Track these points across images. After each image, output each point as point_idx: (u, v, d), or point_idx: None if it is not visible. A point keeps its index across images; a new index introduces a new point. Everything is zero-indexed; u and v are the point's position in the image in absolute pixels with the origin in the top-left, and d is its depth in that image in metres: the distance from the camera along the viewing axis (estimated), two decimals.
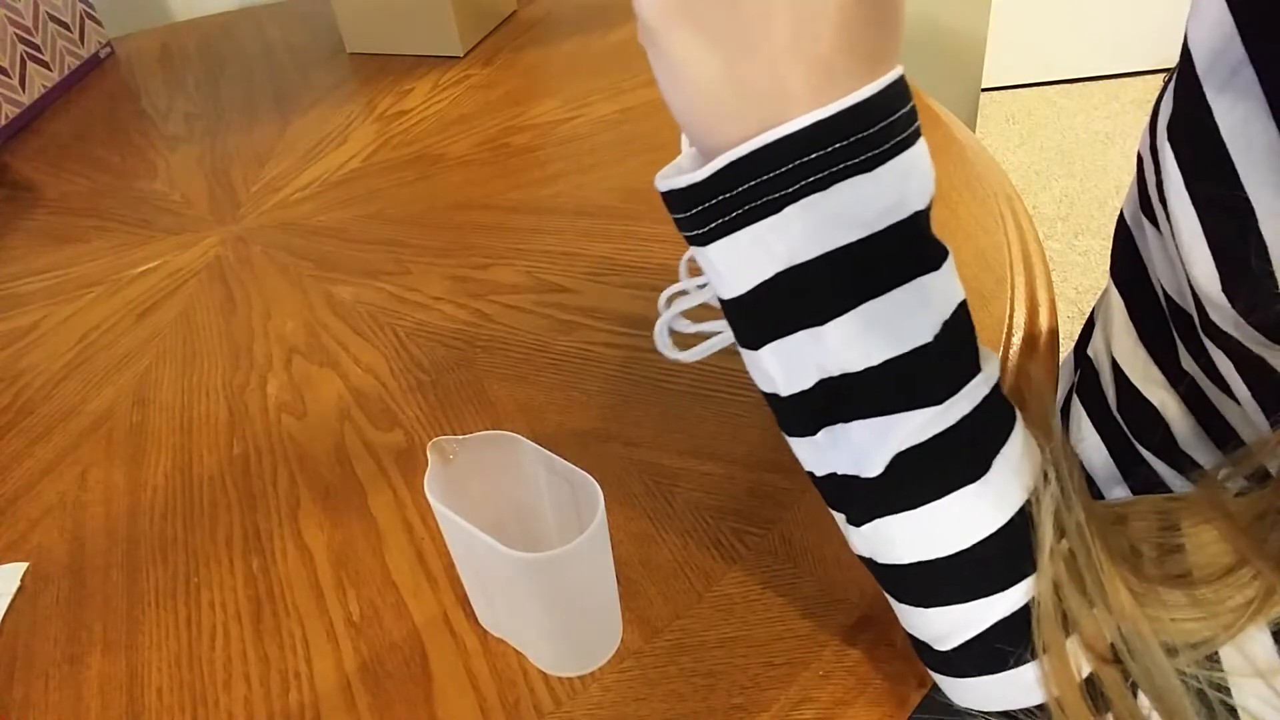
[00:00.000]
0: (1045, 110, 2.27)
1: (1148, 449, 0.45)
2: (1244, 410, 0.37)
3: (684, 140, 0.31)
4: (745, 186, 0.27)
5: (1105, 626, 0.29)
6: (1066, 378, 0.55)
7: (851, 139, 0.26)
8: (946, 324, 0.29)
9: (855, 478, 0.30)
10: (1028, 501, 0.30)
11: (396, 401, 0.56)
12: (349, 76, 0.97)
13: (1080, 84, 2.34)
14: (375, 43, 0.99)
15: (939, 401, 0.29)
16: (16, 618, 0.47)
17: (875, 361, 0.28)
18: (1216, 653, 0.29)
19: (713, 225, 0.28)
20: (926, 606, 0.32)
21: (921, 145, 0.28)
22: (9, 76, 0.93)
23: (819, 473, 0.32)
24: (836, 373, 0.29)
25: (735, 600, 0.42)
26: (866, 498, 0.31)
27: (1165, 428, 0.44)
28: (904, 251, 0.28)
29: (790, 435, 0.32)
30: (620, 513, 0.46)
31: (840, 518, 0.33)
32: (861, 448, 0.30)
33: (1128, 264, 0.45)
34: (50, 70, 0.99)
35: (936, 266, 0.28)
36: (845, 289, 0.28)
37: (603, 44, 0.95)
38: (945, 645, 0.32)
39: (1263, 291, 0.31)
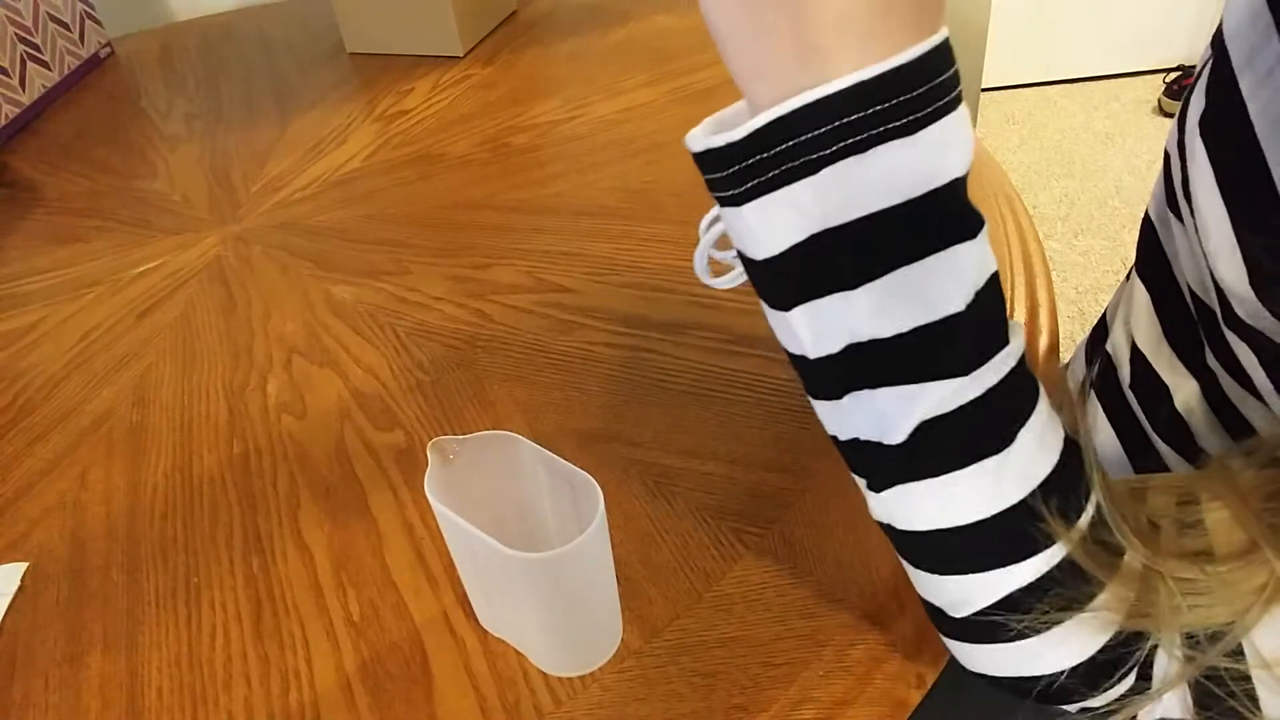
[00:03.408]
0: (1045, 110, 2.27)
1: (1169, 445, 0.45)
2: (1267, 409, 0.37)
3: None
4: (783, 146, 0.26)
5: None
6: (1074, 377, 0.55)
7: (894, 101, 0.25)
8: (979, 293, 0.28)
9: (878, 444, 0.30)
10: (1050, 475, 0.30)
11: (396, 401, 0.56)
12: (349, 76, 0.97)
13: (1080, 84, 2.34)
14: (375, 43, 0.99)
15: (967, 371, 0.28)
16: (16, 618, 0.47)
17: (905, 328, 0.28)
18: (1240, 648, 0.29)
19: (748, 185, 0.27)
20: (943, 574, 0.32)
21: (963, 112, 0.27)
22: (9, 76, 0.93)
23: (842, 436, 0.32)
24: (866, 338, 0.28)
25: (735, 600, 0.42)
26: (888, 464, 0.30)
27: (1183, 423, 0.44)
28: (940, 219, 0.27)
29: (814, 397, 0.32)
30: (620, 513, 0.46)
31: (861, 482, 0.33)
32: (886, 414, 0.29)
33: (1154, 261, 0.45)
34: (50, 70, 0.99)
35: (972, 235, 0.28)
36: (879, 254, 0.27)
37: (603, 44, 0.95)
38: (959, 613, 0.32)
39: None
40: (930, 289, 0.27)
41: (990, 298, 0.29)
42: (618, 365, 0.55)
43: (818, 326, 0.29)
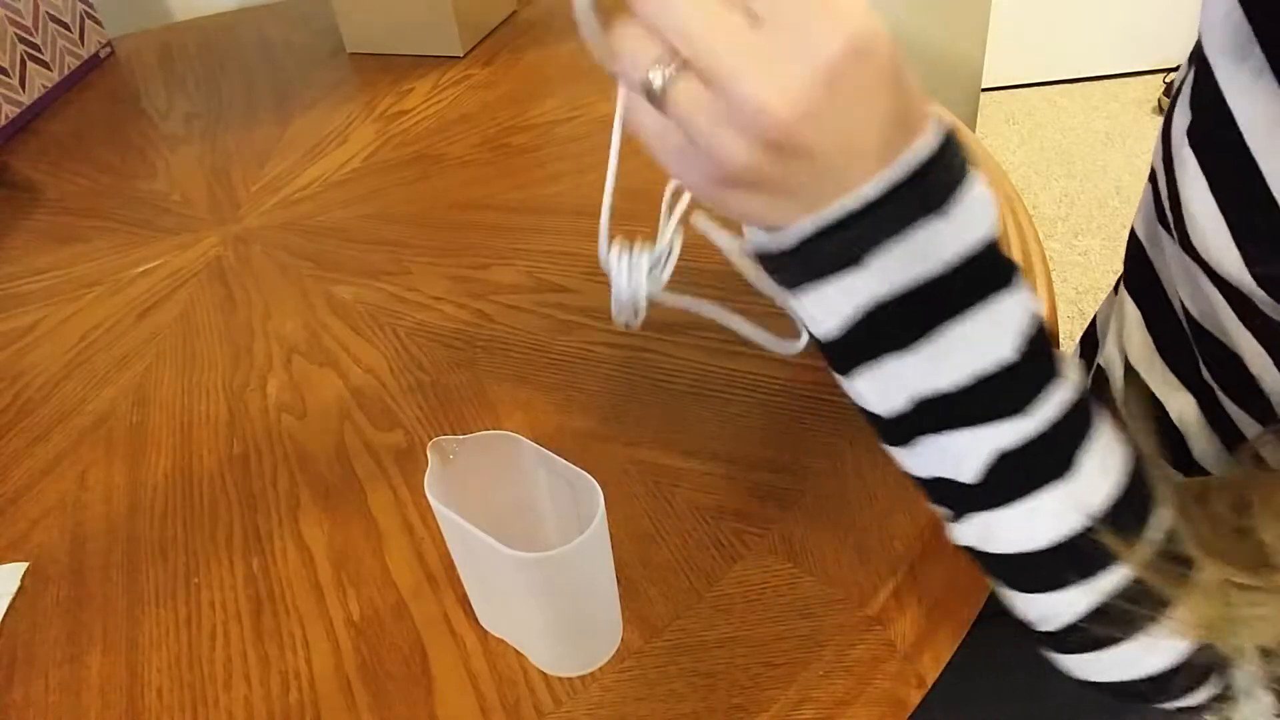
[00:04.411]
0: (1045, 110, 2.27)
1: (1164, 459, 0.45)
2: (1260, 425, 0.38)
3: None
4: (829, 247, 0.29)
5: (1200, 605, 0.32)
6: None
7: (924, 189, 0.28)
8: (1025, 336, 0.30)
9: (953, 480, 0.33)
10: (1120, 491, 0.32)
11: (396, 401, 0.56)
12: (349, 76, 0.97)
13: (1080, 84, 2.34)
14: (375, 43, 0.99)
15: (1026, 410, 0.31)
16: (16, 618, 0.47)
17: (962, 379, 0.30)
18: None
19: (801, 280, 0.30)
20: (1027, 592, 0.34)
21: (980, 177, 0.29)
22: (9, 76, 0.93)
23: (920, 475, 0.34)
24: (928, 392, 0.31)
25: (735, 600, 0.42)
26: (965, 498, 0.33)
27: (1179, 437, 0.44)
28: (979, 276, 0.29)
29: (887, 445, 0.34)
30: (620, 513, 0.46)
31: (942, 512, 0.35)
32: (957, 455, 0.32)
33: (1144, 278, 0.45)
34: (50, 70, 0.99)
35: (1009, 283, 0.30)
36: (926, 317, 0.30)
37: None
38: (1048, 627, 0.34)
39: None
40: (979, 340, 0.30)
41: (1037, 337, 0.31)
42: (618, 365, 0.55)
43: (880, 387, 0.32)
